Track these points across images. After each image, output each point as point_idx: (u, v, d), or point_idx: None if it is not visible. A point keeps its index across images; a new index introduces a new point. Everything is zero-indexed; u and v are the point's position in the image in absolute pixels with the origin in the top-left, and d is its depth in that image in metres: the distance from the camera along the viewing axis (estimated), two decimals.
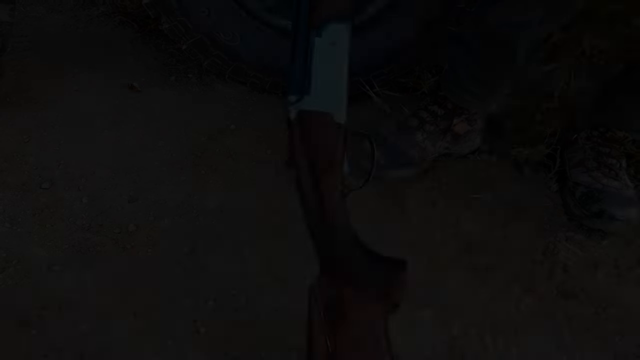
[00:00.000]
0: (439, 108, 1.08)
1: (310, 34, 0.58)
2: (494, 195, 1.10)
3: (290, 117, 0.59)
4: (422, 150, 1.08)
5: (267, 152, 1.15)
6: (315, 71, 0.58)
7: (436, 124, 1.08)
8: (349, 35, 0.59)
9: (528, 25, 0.85)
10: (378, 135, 1.09)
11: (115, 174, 1.03)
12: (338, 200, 0.58)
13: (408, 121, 1.09)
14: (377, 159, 1.08)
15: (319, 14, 0.58)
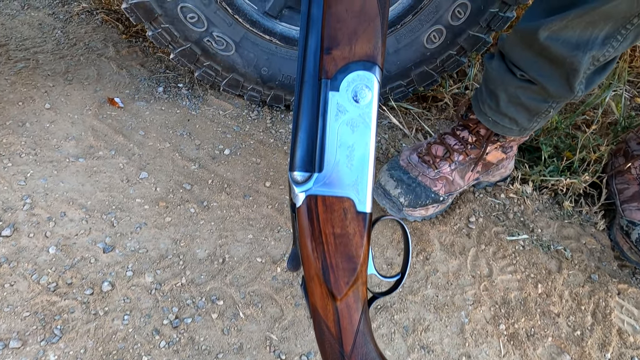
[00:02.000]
0: (470, 134, 0.90)
1: (323, 87, 0.41)
2: (531, 236, 0.94)
3: (296, 202, 0.42)
4: (450, 185, 0.91)
5: (266, 185, 0.98)
6: (331, 140, 0.41)
7: (466, 152, 0.90)
8: (377, 89, 0.42)
9: (588, 44, 0.67)
10: (397, 166, 0.92)
11: (89, 215, 0.87)
12: (363, 320, 0.42)
13: (432, 149, 0.92)
14: (396, 197, 0.93)
15: (335, 57, 0.41)
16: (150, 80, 1.21)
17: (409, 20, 1.00)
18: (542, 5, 0.70)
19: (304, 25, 0.42)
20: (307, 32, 0.41)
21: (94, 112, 1.07)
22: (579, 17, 0.64)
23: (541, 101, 0.77)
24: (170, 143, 1.03)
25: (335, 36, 0.40)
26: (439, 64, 1.08)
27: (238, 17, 0.99)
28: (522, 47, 0.73)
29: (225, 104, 1.16)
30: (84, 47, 1.29)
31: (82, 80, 1.17)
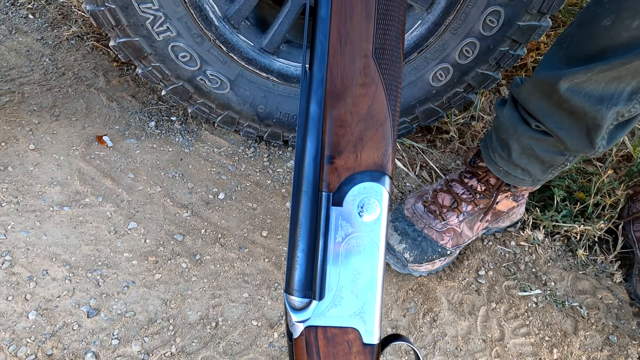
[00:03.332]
0: (479, 183, 0.84)
1: (324, 201, 0.35)
2: (544, 291, 0.88)
3: (293, 332, 0.37)
4: (457, 237, 0.85)
5: (263, 234, 0.92)
6: (333, 262, 0.35)
7: (475, 202, 0.85)
8: (387, 202, 0.36)
9: (613, 98, 0.61)
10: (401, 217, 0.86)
11: (73, 272, 0.81)
12: None
13: (439, 198, 0.86)
14: (401, 253, 0.87)
15: (338, 168, 0.35)
16: (141, 114, 1.15)
17: (414, 57, 0.94)
18: (562, 53, 0.65)
19: (302, 124, 0.36)
20: (305, 133, 0.36)
21: (81, 153, 1.01)
22: (604, 71, 0.58)
23: (558, 154, 0.71)
24: (161, 187, 0.97)
25: (338, 143, 0.34)
26: (445, 101, 1.02)
27: (233, 54, 0.93)
28: (540, 96, 0.67)
29: (220, 140, 1.11)
30: (72, 77, 1.23)
31: (70, 115, 1.11)
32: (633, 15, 0.52)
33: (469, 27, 0.87)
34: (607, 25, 0.55)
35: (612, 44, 0.55)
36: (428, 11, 0.89)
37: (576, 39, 0.61)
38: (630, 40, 0.54)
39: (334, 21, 0.35)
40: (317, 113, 0.35)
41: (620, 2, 0.54)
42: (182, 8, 0.85)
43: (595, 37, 0.57)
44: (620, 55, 0.55)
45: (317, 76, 0.35)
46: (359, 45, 0.34)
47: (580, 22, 0.61)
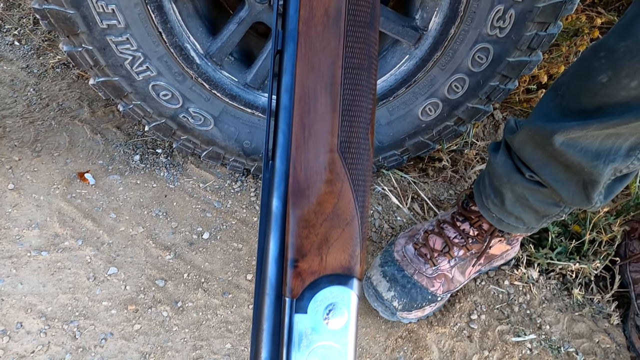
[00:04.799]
0: (471, 227, 0.82)
1: (287, 308, 0.33)
2: (538, 335, 0.85)
3: None
4: (448, 283, 0.82)
5: (247, 278, 0.89)
6: None
7: (467, 247, 0.82)
8: (356, 307, 0.33)
9: (610, 154, 0.58)
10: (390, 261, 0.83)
11: (49, 324, 0.78)
12: None
13: (430, 240, 0.84)
14: (389, 301, 0.82)
15: (302, 272, 0.33)
16: (126, 146, 1.12)
17: (402, 92, 0.91)
18: (557, 101, 0.62)
19: (264, 220, 0.34)
20: (266, 230, 0.33)
21: (62, 192, 0.98)
22: (601, 129, 0.55)
23: (553, 205, 0.68)
24: (144, 227, 0.94)
25: (302, 245, 0.32)
26: (435, 134, 0.99)
27: (216, 91, 0.90)
28: (534, 147, 0.64)
29: (206, 174, 1.08)
30: (56, 108, 1.21)
31: (52, 150, 1.08)
32: (631, 74, 0.50)
33: (458, 63, 0.85)
34: (604, 81, 0.52)
35: (609, 101, 0.53)
36: (415, 46, 0.86)
37: (572, 90, 0.58)
38: (629, 100, 0.51)
39: (297, 111, 0.32)
40: (279, 210, 0.32)
41: (617, 59, 0.51)
42: (161, 47, 0.82)
43: (591, 92, 0.54)
44: (618, 115, 0.53)
45: (279, 169, 0.32)
46: (324, 139, 0.31)
47: (576, 72, 0.59)
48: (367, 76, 0.32)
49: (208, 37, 0.88)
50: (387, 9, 0.87)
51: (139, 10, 0.76)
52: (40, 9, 0.75)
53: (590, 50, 0.57)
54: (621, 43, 0.50)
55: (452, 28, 0.80)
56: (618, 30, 0.52)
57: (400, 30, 0.85)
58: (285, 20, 0.33)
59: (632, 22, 0.49)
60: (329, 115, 0.31)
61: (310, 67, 0.32)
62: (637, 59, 0.48)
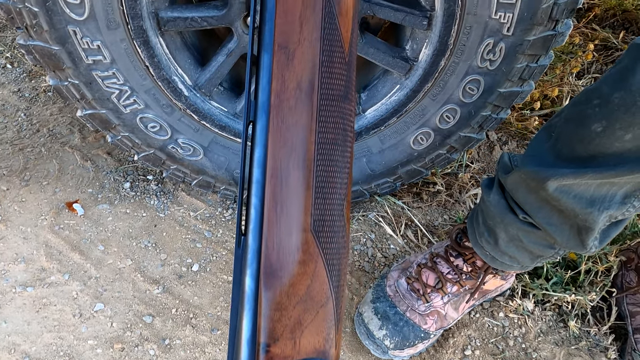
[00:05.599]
0: (465, 263, 0.80)
1: None
2: None
3: None
4: (442, 320, 0.81)
5: None
6: None
7: (460, 283, 0.80)
8: None
9: (605, 202, 0.57)
10: (383, 296, 0.81)
11: None
12: None
13: (423, 275, 0.82)
14: (381, 340, 0.77)
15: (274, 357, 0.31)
16: (117, 173, 1.11)
17: (394, 122, 0.90)
18: (551, 144, 0.60)
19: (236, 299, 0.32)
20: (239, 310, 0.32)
21: (50, 223, 0.97)
22: (595, 179, 0.54)
23: (547, 247, 0.67)
24: (132, 259, 0.93)
25: (274, 329, 0.30)
26: (428, 162, 0.98)
27: (205, 122, 0.89)
28: (527, 190, 0.62)
29: (197, 202, 1.06)
30: (47, 134, 1.20)
31: (41, 178, 1.07)
32: (625, 127, 0.49)
33: (449, 94, 0.84)
34: (598, 131, 0.51)
35: (603, 151, 0.51)
36: (406, 77, 0.85)
37: (565, 135, 0.57)
38: (624, 152, 0.50)
39: (269, 186, 0.31)
40: (252, 289, 0.31)
41: (611, 110, 0.50)
42: (149, 81, 0.81)
43: (585, 141, 0.53)
44: (612, 166, 0.51)
45: (252, 247, 0.31)
46: (297, 218, 0.30)
47: (569, 117, 0.57)
48: (341, 151, 0.31)
49: (197, 68, 0.87)
50: (377, 39, 0.86)
51: (124, 45, 0.75)
52: (26, 45, 0.75)
53: (583, 95, 0.56)
54: (615, 94, 0.49)
55: (442, 60, 0.79)
56: (612, 79, 0.51)
57: (390, 61, 0.84)
58: (257, 91, 0.32)
59: (626, 73, 0.48)
60: (302, 193, 0.30)
61: (282, 142, 0.31)
62: (631, 112, 0.47)
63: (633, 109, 0.47)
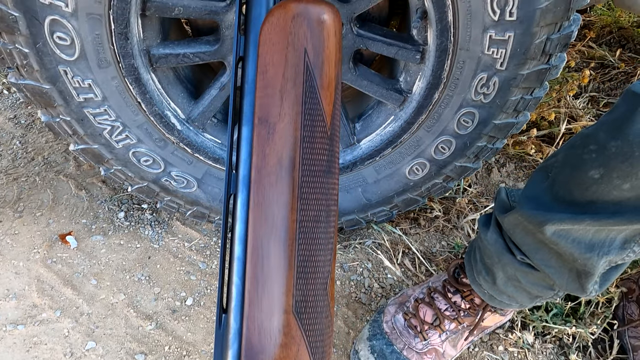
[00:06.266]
0: (463, 300, 0.79)
1: None
2: None
3: None
4: (439, 357, 0.79)
5: None
6: None
7: (458, 320, 0.79)
8: None
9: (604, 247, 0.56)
10: (379, 333, 0.79)
11: None
12: None
13: (420, 311, 0.81)
14: None
15: None
16: (111, 202, 1.10)
17: (388, 152, 0.90)
18: (548, 185, 0.58)
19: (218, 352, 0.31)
20: None
21: (43, 256, 0.96)
22: (593, 225, 0.53)
23: (546, 288, 0.65)
24: (125, 294, 0.91)
25: None
26: (424, 191, 0.97)
27: (199, 155, 0.89)
28: (525, 232, 0.61)
29: (191, 232, 1.05)
30: (42, 163, 1.19)
31: (35, 209, 1.06)
32: (623, 176, 0.48)
33: (443, 125, 0.83)
34: (596, 177, 0.50)
35: (601, 198, 0.51)
36: (400, 108, 0.85)
37: (562, 178, 0.56)
38: (622, 200, 0.49)
39: (250, 265, 0.30)
40: None
41: (608, 158, 0.49)
42: (141, 116, 0.81)
43: (582, 186, 0.52)
44: (610, 214, 0.50)
45: (233, 327, 0.30)
46: (278, 299, 0.29)
47: (566, 160, 0.56)
48: (324, 227, 0.30)
49: (190, 101, 0.87)
50: (370, 71, 0.86)
51: (116, 83, 0.75)
52: (17, 84, 0.74)
53: (579, 139, 0.55)
54: (612, 142, 0.48)
55: (436, 93, 0.79)
56: (608, 126, 0.50)
57: (384, 93, 0.83)
58: (238, 164, 0.31)
59: (623, 121, 0.47)
60: (283, 273, 0.29)
61: (263, 219, 0.30)
62: (629, 162, 0.46)
63: (631, 159, 0.47)
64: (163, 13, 0.71)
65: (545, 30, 0.69)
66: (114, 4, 0.65)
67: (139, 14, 0.70)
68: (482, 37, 0.69)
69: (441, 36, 0.71)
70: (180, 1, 0.70)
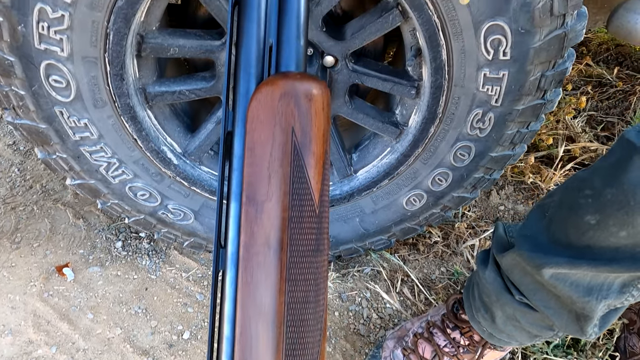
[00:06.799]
0: (462, 337, 0.78)
1: None
2: None
3: None
4: None
5: None
6: None
7: (458, 357, 0.78)
8: None
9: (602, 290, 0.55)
10: None
11: None
12: None
13: (419, 347, 0.79)
14: None
15: None
16: (109, 231, 1.10)
17: (385, 184, 0.90)
18: (544, 225, 0.58)
19: None
20: None
21: (39, 290, 0.95)
22: (591, 271, 0.53)
23: (545, 329, 0.64)
24: (121, 328, 0.91)
25: None
26: (422, 220, 0.97)
27: (196, 188, 0.89)
28: (523, 273, 0.61)
29: (189, 262, 1.05)
30: (40, 191, 1.19)
31: (32, 240, 1.06)
32: (619, 224, 0.47)
33: (440, 158, 0.83)
34: (592, 223, 0.50)
35: (598, 243, 0.50)
36: (397, 140, 0.85)
37: (559, 220, 0.56)
38: (619, 247, 0.49)
39: (238, 346, 0.29)
40: None
41: (604, 205, 0.49)
42: (137, 152, 0.81)
43: (579, 230, 0.52)
44: (607, 261, 0.50)
45: None
46: None
47: (562, 202, 0.56)
48: (313, 308, 0.30)
49: (186, 135, 0.87)
50: (366, 104, 0.86)
51: (112, 121, 0.75)
52: (13, 123, 0.75)
53: (576, 182, 0.55)
54: (607, 189, 0.48)
55: (431, 127, 0.78)
56: (604, 172, 0.50)
57: (380, 126, 0.83)
58: (227, 241, 0.31)
59: (618, 169, 0.47)
60: (271, 356, 0.29)
61: (251, 300, 0.29)
62: (624, 210, 0.46)
63: (626, 208, 0.46)
64: (159, 53, 0.71)
65: (539, 67, 0.69)
66: (110, 47, 0.65)
67: (135, 55, 0.70)
68: (476, 75, 0.69)
69: (436, 73, 0.71)
70: (175, 41, 0.71)
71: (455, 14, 0.62)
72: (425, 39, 0.67)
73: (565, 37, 0.65)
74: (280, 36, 0.32)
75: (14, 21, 0.59)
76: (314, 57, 0.75)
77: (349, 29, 0.73)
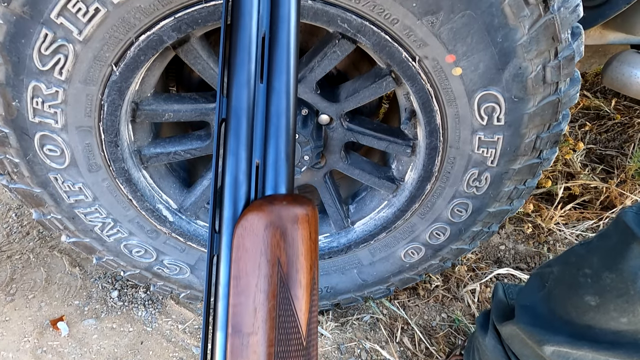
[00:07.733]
0: None
1: None
2: None
3: None
4: None
5: None
6: None
7: None
8: None
9: None
10: None
11: None
12: None
13: None
14: None
15: None
16: (105, 280, 1.09)
17: (383, 237, 0.89)
18: (544, 295, 0.57)
19: None
20: None
21: (33, 346, 0.94)
22: (592, 353, 0.52)
23: None
24: None
25: None
26: (420, 271, 0.96)
27: (191, 242, 0.88)
28: (523, 344, 0.59)
29: (185, 312, 1.04)
30: (36, 237, 1.19)
31: (27, 291, 1.05)
32: (620, 311, 0.47)
33: (437, 214, 0.83)
34: (592, 305, 0.49)
35: (599, 325, 0.49)
36: (394, 195, 0.84)
37: (558, 295, 0.55)
38: (621, 332, 0.48)
39: None
40: None
41: (603, 289, 0.48)
42: (132, 211, 0.81)
43: (580, 309, 0.51)
44: (609, 344, 0.49)
45: None
46: None
47: (561, 276, 0.55)
48: None
49: (182, 190, 0.87)
50: (362, 158, 0.86)
51: (107, 184, 0.75)
52: (8, 186, 0.75)
53: (574, 257, 0.54)
54: (606, 273, 0.47)
55: (427, 185, 0.78)
56: (602, 255, 0.49)
57: (377, 181, 0.83)
58: None
59: (616, 254, 0.47)
60: None
61: None
62: (624, 298, 0.45)
63: (626, 296, 0.45)
64: (153, 119, 0.71)
65: (534, 130, 0.69)
66: (104, 117, 0.65)
67: (130, 121, 0.70)
68: (471, 138, 0.69)
69: (430, 135, 0.71)
70: (170, 107, 0.71)
71: (448, 83, 0.62)
72: (419, 104, 0.67)
73: (559, 102, 0.65)
74: (266, 156, 0.32)
75: (8, 97, 0.60)
76: (309, 117, 0.75)
77: (343, 91, 0.74)
